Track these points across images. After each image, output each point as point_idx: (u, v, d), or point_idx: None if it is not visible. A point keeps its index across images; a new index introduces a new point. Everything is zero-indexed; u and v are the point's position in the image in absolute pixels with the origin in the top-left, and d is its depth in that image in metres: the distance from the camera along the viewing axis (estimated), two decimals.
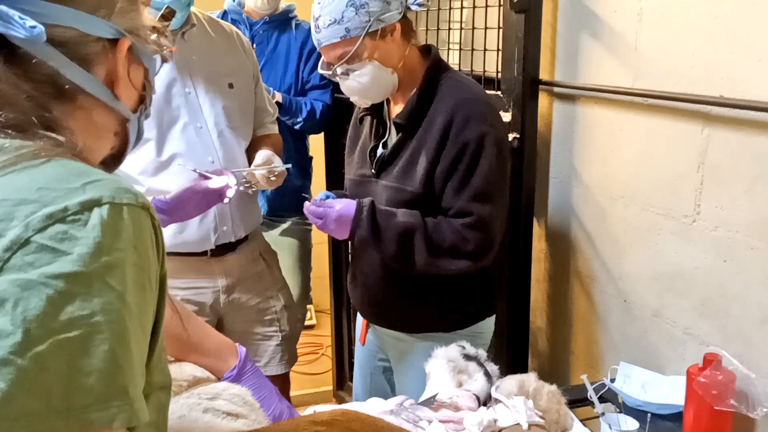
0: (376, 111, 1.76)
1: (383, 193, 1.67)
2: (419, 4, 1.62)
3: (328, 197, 1.71)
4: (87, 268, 0.58)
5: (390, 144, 1.71)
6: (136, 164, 1.82)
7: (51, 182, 0.62)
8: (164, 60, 0.85)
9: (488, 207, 1.59)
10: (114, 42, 0.75)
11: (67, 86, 0.71)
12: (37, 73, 0.69)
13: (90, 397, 0.57)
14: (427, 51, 1.71)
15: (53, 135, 0.67)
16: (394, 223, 1.59)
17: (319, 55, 1.68)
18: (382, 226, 1.59)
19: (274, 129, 2.16)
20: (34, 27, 0.66)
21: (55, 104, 0.70)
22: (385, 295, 1.78)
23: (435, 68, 1.67)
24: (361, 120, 1.83)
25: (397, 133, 1.69)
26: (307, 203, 1.67)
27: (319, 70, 1.70)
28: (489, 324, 1.83)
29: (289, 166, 1.94)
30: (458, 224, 1.59)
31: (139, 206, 0.64)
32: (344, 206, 1.62)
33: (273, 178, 1.88)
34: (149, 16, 0.80)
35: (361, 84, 1.63)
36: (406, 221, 1.59)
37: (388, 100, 1.75)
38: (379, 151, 1.73)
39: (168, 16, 1.49)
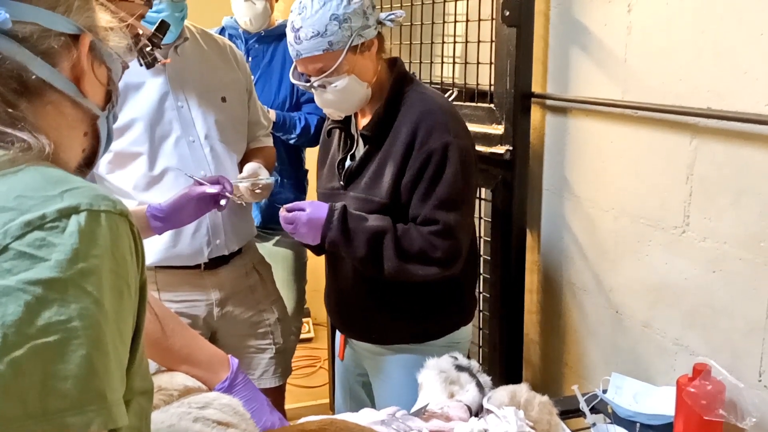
0: (344, 124, 1.78)
1: (351, 205, 1.69)
2: (391, 20, 1.65)
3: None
4: (64, 274, 0.59)
5: (358, 156, 1.73)
6: (128, 178, 1.83)
7: (29, 190, 0.63)
8: (124, 66, 0.86)
9: (453, 215, 1.61)
10: (75, 39, 0.77)
11: (33, 81, 0.72)
12: (2, 67, 0.70)
13: (66, 402, 0.58)
14: (393, 64, 1.74)
15: (21, 135, 0.68)
16: (364, 227, 1.61)
17: None
18: (353, 229, 1.61)
19: (268, 142, 2.17)
20: None
21: (21, 101, 0.72)
22: (358, 306, 1.79)
23: (400, 81, 1.70)
24: (330, 133, 1.86)
25: (364, 145, 1.72)
26: (281, 210, 1.69)
27: (291, 79, 1.72)
28: (464, 333, 1.84)
29: (273, 179, 1.93)
30: (426, 232, 1.61)
31: (117, 213, 0.65)
32: (314, 210, 1.63)
33: (258, 191, 1.87)
34: (105, 18, 0.82)
35: (338, 97, 1.65)
36: (377, 225, 1.61)
37: (355, 113, 1.77)
38: (347, 163, 1.76)
39: (162, 29, 1.51)
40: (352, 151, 1.77)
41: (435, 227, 1.60)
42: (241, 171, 1.95)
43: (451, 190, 1.60)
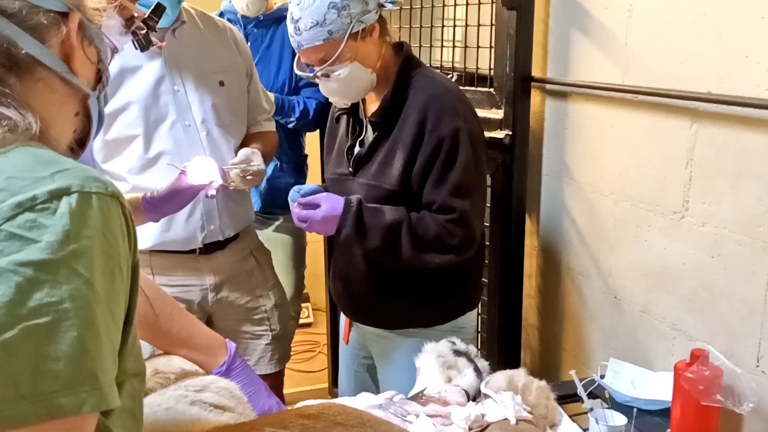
0: (352, 110, 1.77)
1: (360, 191, 1.68)
2: (392, 2, 1.62)
3: (314, 191, 1.72)
4: (55, 255, 0.59)
5: (366, 142, 1.72)
6: (123, 162, 1.82)
7: (19, 171, 0.63)
8: (113, 48, 0.86)
9: (468, 202, 1.60)
10: (65, 16, 0.76)
11: (22, 57, 0.72)
12: None
13: (58, 383, 0.58)
14: (400, 48, 1.72)
15: (6, 112, 0.68)
16: (380, 221, 1.60)
17: None
18: (368, 224, 1.60)
19: (270, 126, 2.13)
20: None
21: (10, 76, 0.71)
22: (364, 290, 1.79)
23: (407, 65, 1.68)
24: (338, 119, 1.84)
25: (373, 132, 1.70)
26: (293, 207, 1.67)
27: (296, 70, 1.71)
28: (470, 318, 1.84)
29: (263, 166, 1.88)
30: (442, 219, 1.60)
31: (109, 195, 0.65)
32: (330, 207, 1.61)
33: (249, 178, 1.84)
34: None
35: (342, 85, 1.63)
36: (392, 218, 1.60)
37: (363, 99, 1.76)
38: (356, 149, 1.74)
39: (157, 12, 1.50)
40: (361, 137, 1.76)
41: (452, 215, 1.60)
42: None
43: (464, 177, 1.60)
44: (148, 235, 1.82)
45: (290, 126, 2.69)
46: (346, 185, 1.74)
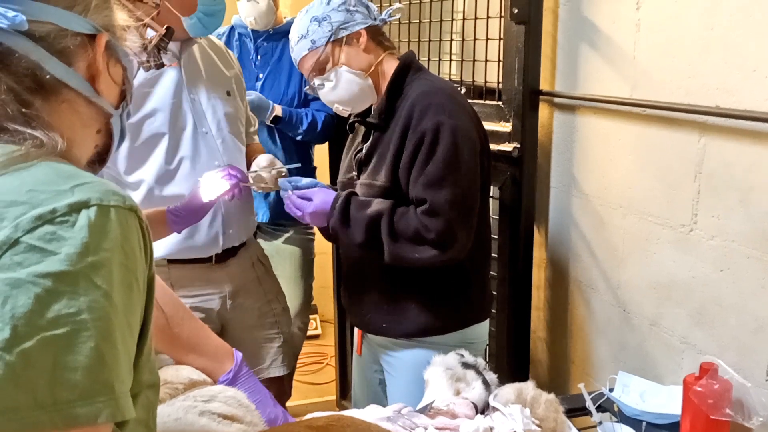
0: (365, 118, 1.80)
1: (360, 191, 1.73)
2: (387, 17, 1.72)
3: (315, 185, 1.77)
4: (74, 267, 0.60)
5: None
6: (147, 169, 1.86)
7: (40, 184, 0.64)
8: (140, 63, 0.87)
9: (442, 194, 1.58)
10: (92, 38, 0.77)
11: (48, 80, 0.73)
12: (17, 66, 0.71)
13: (75, 393, 0.59)
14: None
15: (33, 132, 0.69)
16: (364, 213, 1.64)
17: None
18: (353, 216, 1.65)
19: (256, 139, 2.25)
20: (15, 16, 0.69)
21: (36, 98, 0.72)
22: (366, 296, 1.80)
23: (404, 69, 1.72)
24: (351, 127, 1.89)
25: (373, 134, 1.74)
26: (289, 193, 1.74)
27: (306, 90, 1.81)
28: (478, 332, 1.82)
29: (298, 164, 2.02)
30: (418, 212, 1.61)
31: (127, 208, 0.66)
32: (321, 200, 1.70)
33: (281, 178, 1.92)
34: (123, 17, 0.83)
35: (335, 91, 1.71)
36: (375, 210, 1.63)
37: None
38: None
39: (168, 34, 1.55)
40: (368, 142, 1.79)
41: (424, 207, 1.60)
42: (248, 164, 2.02)
43: (440, 170, 1.58)
44: (170, 242, 1.87)
45: (298, 138, 2.71)
46: (351, 188, 1.77)
